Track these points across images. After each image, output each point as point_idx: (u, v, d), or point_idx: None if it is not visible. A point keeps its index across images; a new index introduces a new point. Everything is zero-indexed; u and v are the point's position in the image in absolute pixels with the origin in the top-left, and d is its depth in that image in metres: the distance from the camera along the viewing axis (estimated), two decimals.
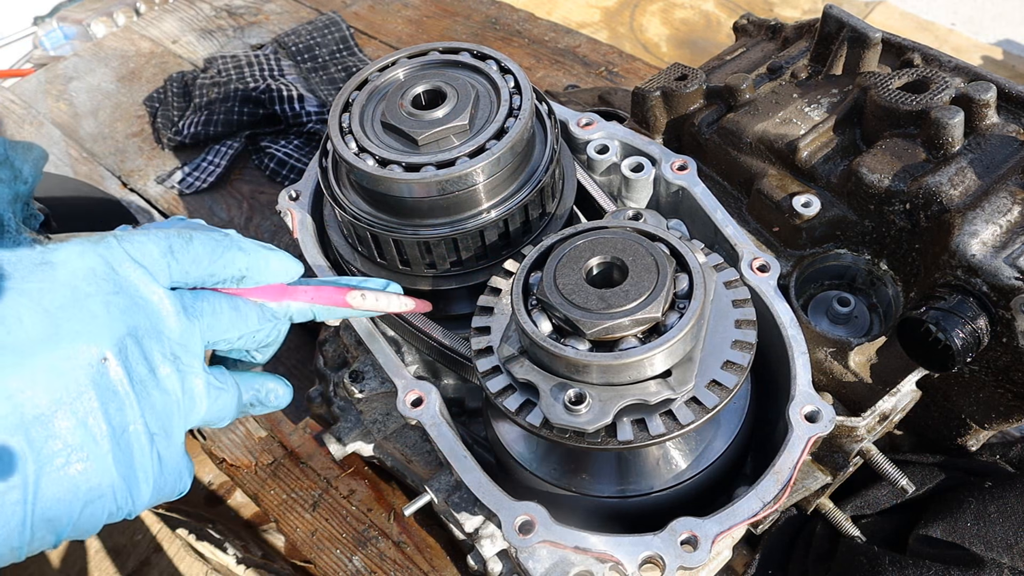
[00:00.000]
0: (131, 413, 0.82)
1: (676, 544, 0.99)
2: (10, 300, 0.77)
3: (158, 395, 0.84)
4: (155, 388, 0.84)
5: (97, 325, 0.80)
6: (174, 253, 0.89)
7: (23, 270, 0.79)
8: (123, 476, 0.82)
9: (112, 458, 0.80)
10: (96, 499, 0.80)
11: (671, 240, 1.04)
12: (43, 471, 0.76)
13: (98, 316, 0.81)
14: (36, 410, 0.76)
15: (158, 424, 0.85)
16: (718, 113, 1.44)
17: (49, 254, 0.82)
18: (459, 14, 2.90)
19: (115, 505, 0.82)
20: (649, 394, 0.95)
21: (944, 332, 1.08)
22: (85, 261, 0.83)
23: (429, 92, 1.21)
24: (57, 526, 0.79)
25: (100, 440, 0.79)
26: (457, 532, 1.41)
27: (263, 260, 0.97)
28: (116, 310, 0.82)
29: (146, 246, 0.87)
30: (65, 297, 0.80)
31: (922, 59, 1.35)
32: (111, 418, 0.80)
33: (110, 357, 0.80)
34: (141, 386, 0.83)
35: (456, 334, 1.25)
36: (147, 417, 0.83)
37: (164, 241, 0.89)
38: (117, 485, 0.81)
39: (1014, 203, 1.15)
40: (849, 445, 1.26)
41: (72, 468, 0.78)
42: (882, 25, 2.25)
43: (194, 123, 2.45)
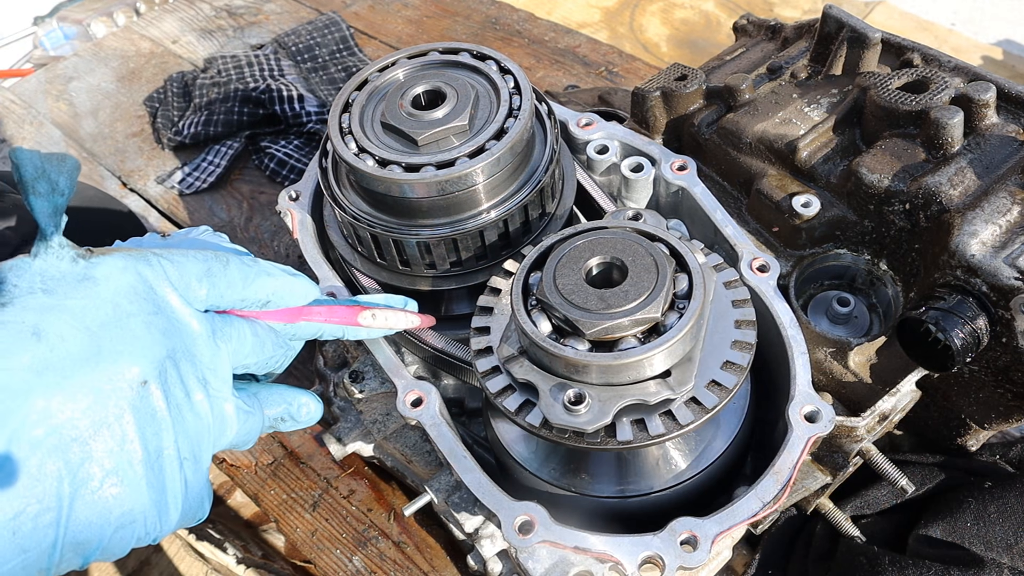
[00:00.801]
0: (167, 438, 0.81)
1: (676, 544, 0.99)
2: (53, 317, 0.76)
3: (192, 419, 0.84)
4: (189, 412, 0.84)
5: (139, 346, 0.80)
6: (211, 276, 0.89)
7: (66, 286, 0.79)
8: (154, 501, 0.81)
9: (146, 483, 0.79)
10: (127, 524, 0.80)
11: (671, 240, 1.04)
12: (78, 494, 0.75)
13: (140, 337, 0.80)
14: (75, 431, 0.75)
15: (189, 449, 0.84)
16: (718, 113, 1.44)
17: (92, 269, 0.81)
18: (459, 14, 2.90)
19: (144, 530, 0.82)
20: (648, 394, 0.96)
21: (944, 332, 1.08)
22: (126, 278, 0.82)
23: (429, 92, 1.22)
24: (86, 549, 0.78)
25: (136, 465, 0.78)
26: (457, 532, 1.41)
27: (288, 286, 0.98)
28: (156, 331, 0.82)
29: (185, 267, 0.87)
30: (107, 315, 0.79)
31: (922, 59, 1.35)
32: (148, 442, 0.79)
33: (151, 380, 0.80)
34: (177, 410, 0.82)
35: (455, 334, 1.25)
36: (180, 442, 0.83)
37: (203, 263, 0.89)
38: (148, 510, 0.81)
39: (1014, 203, 1.15)
40: (849, 445, 1.26)
41: (106, 492, 0.77)
42: (882, 25, 2.25)
43: (194, 123, 2.45)
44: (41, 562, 0.75)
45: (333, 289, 1.26)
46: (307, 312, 1.02)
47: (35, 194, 0.81)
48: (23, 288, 0.77)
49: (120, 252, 0.85)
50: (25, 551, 0.73)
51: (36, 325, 0.75)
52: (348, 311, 1.06)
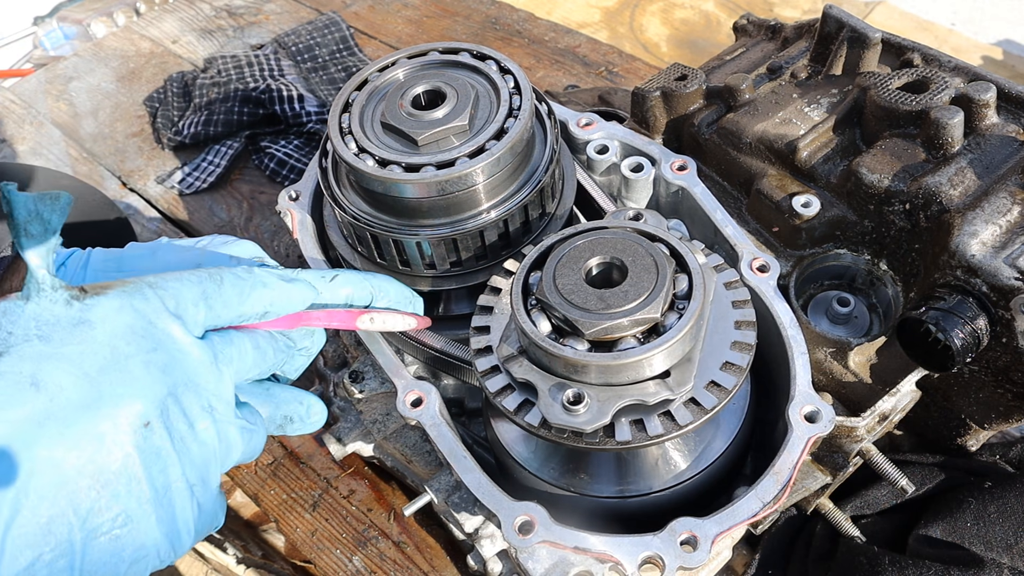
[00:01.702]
0: (174, 473, 0.82)
1: (676, 544, 0.99)
2: (51, 366, 0.75)
3: (196, 448, 0.84)
4: (194, 442, 0.84)
5: (139, 387, 0.79)
6: (207, 300, 0.88)
7: (61, 332, 0.77)
8: (166, 534, 0.82)
9: (156, 519, 0.80)
10: (141, 559, 0.80)
11: (671, 240, 1.04)
12: (90, 539, 0.76)
13: (139, 378, 0.79)
14: (82, 479, 0.75)
15: (196, 476, 0.85)
16: (718, 113, 1.44)
17: (87, 312, 0.80)
18: (459, 14, 2.90)
19: (158, 560, 0.83)
20: (648, 394, 0.95)
21: (944, 332, 1.08)
22: (123, 318, 0.81)
23: (429, 92, 1.21)
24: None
25: (144, 504, 0.79)
26: (457, 532, 1.41)
27: (285, 295, 0.97)
28: (156, 369, 0.81)
29: (181, 293, 0.86)
30: (105, 359, 0.78)
31: (922, 59, 1.35)
32: (154, 481, 0.80)
33: (153, 421, 0.79)
34: (181, 443, 0.82)
35: (455, 334, 1.25)
36: (187, 472, 0.83)
37: (197, 287, 0.88)
38: (161, 543, 0.82)
39: (1014, 203, 1.15)
40: (849, 445, 1.26)
41: (118, 533, 0.78)
42: (882, 25, 2.25)
43: (194, 123, 2.45)
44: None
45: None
46: (306, 317, 1.01)
47: (27, 236, 0.79)
48: (18, 336, 0.76)
49: (114, 289, 0.83)
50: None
51: (34, 375, 0.74)
52: (347, 315, 1.06)
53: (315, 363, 1.61)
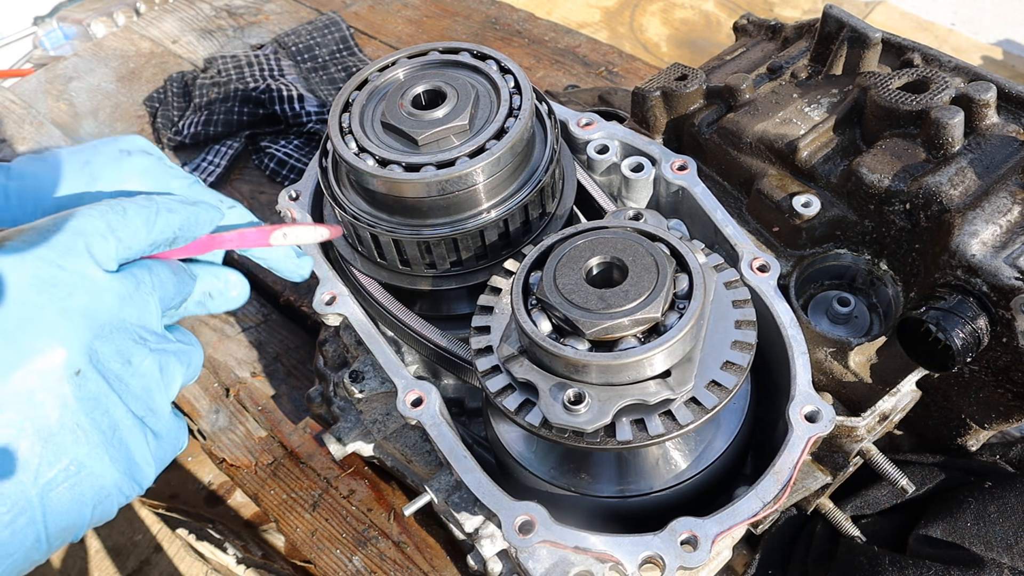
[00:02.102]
0: (118, 411, 0.81)
1: (676, 544, 0.99)
2: None
3: (137, 383, 0.83)
4: (132, 378, 0.82)
5: (59, 336, 0.77)
6: (114, 231, 0.85)
7: None
8: (124, 471, 0.82)
9: (110, 460, 0.80)
10: (104, 499, 0.81)
11: (671, 240, 1.04)
12: (46, 493, 0.76)
13: (58, 326, 0.77)
14: (23, 439, 0.74)
15: (144, 407, 0.84)
16: (718, 113, 1.44)
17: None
18: (459, 14, 2.90)
19: (123, 496, 0.83)
20: (648, 394, 0.95)
21: (944, 332, 1.08)
22: (27, 268, 0.77)
23: (429, 92, 1.21)
24: (73, 530, 0.80)
25: (94, 450, 0.79)
26: (457, 532, 1.41)
27: (192, 217, 0.95)
28: (75, 315, 0.78)
29: (85, 230, 0.83)
30: (18, 315, 0.75)
31: (922, 59, 1.35)
32: (99, 424, 0.79)
33: (83, 367, 0.78)
34: (119, 382, 0.81)
35: (455, 334, 1.25)
36: (133, 407, 0.82)
37: (101, 220, 0.85)
38: (121, 481, 0.82)
39: (1014, 203, 1.15)
40: (849, 445, 1.26)
41: (73, 482, 0.78)
42: (882, 25, 2.24)
43: (194, 123, 2.45)
44: (31, 556, 0.77)
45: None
46: (218, 240, 1.00)
47: None
48: None
49: (12, 240, 0.80)
50: (11, 554, 0.75)
51: None
52: (259, 232, 1.05)
53: (315, 363, 1.61)
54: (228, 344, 1.97)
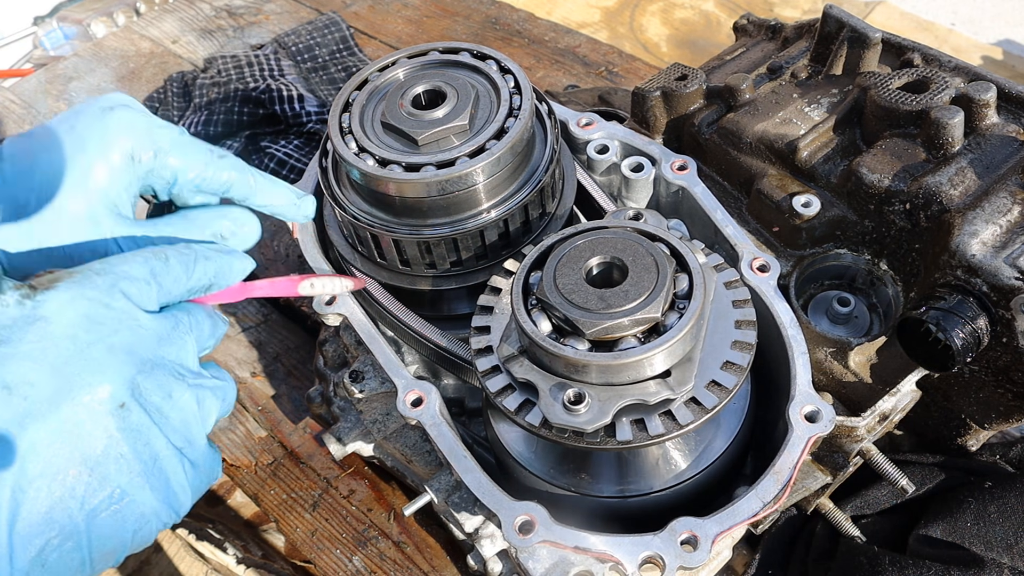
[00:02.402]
0: (158, 443, 0.85)
1: (676, 544, 0.99)
2: (16, 366, 0.78)
3: (176, 415, 0.87)
4: (172, 411, 0.87)
5: (107, 373, 0.81)
6: (156, 277, 0.91)
7: (19, 332, 0.79)
8: (163, 499, 0.86)
9: (150, 488, 0.85)
10: (144, 525, 0.85)
11: (671, 240, 1.04)
12: (92, 519, 0.80)
13: (104, 363, 0.82)
14: (71, 467, 0.79)
15: (182, 439, 0.88)
16: (718, 113, 1.44)
17: (39, 308, 0.81)
18: (459, 14, 2.90)
19: (161, 523, 0.87)
20: (648, 394, 0.95)
21: (944, 332, 1.08)
22: (77, 308, 0.82)
23: (429, 92, 1.21)
24: (114, 554, 0.85)
25: (136, 478, 0.83)
26: (457, 532, 1.41)
27: (227, 266, 1.00)
28: (120, 352, 0.83)
29: (130, 275, 0.88)
30: (68, 351, 0.80)
31: (922, 59, 1.35)
32: (141, 455, 0.83)
33: (127, 401, 0.82)
34: (159, 415, 0.86)
35: (455, 334, 1.25)
36: (172, 439, 0.87)
37: (145, 266, 0.90)
38: (159, 509, 0.86)
39: (1014, 203, 1.15)
40: (849, 445, 1.26)
41: (116, 508, 0.82)
42: (882, 25, 2.24)
43: (194, 123, 2.45)
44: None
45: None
46: (251, 288, 1.05)
47: None
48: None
49: (63, 281, 0.85)
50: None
51: (2, 378, 0.77)
52: (288, 282, 1.12)
53: (315, 363, 1.61)
54: (228, 344, 1.97)
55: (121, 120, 1.02)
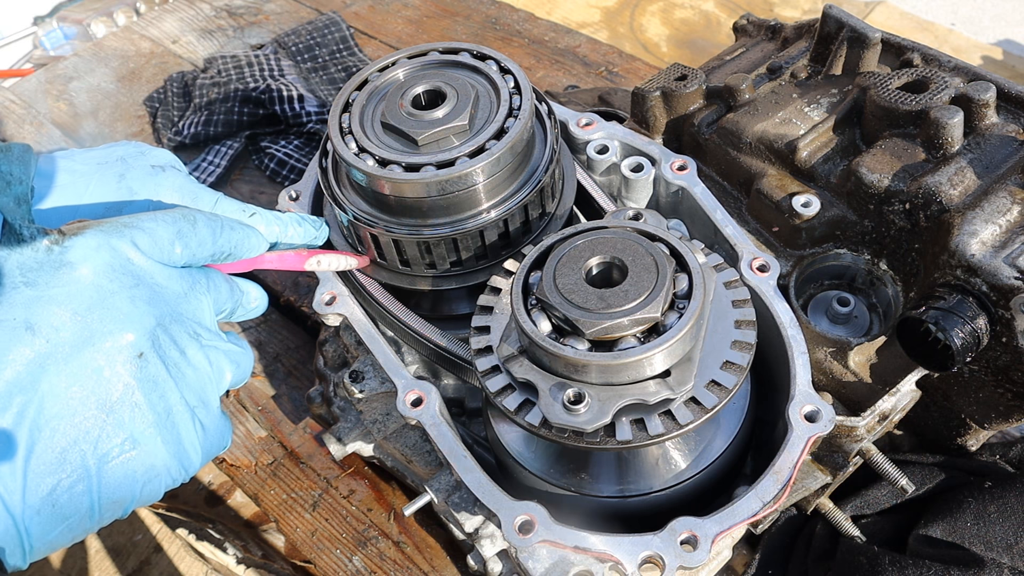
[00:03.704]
0: (172, 397, 0.88)
1: (676, 544, 0.99)
2: (41, 309, 0.81)
3: (191, 373, 0.90)
4: (187, 367, 0.90)
5: (128, 322, 0.84)
6: (183, 237, 0.94)
7: (46, 276, 0.82)
8: (174, 454, 0.89)
9: (162, 441, 0.87)
10: (153, 478, 0.87)
11: (671, 240, 1.04)
12: (103, 464, 0.83)
13: (127, 312, 0.85)
14: (88, 410, 0.81)
15: (196, 398, 0.91)
16: (718, 113, 1.44)
17: (66, 254, 0.84)
18: (459, 14, 2.90)
19: (171, 479, 0.90)
20: (648, 394, 0.96)
21: (944, 332, 1.08)
22: (102, 256, 0.85)
23: (429, 92, 1.22)
24: (122, 504, 0.86)
25: (149, 428, 0.85)
26: (457, 532, 1.41)
27: (247, 238, 1.06)
28: (141, 303, 0.86)
29: (157, 232, 0.91)
30: (92, 298, 0.83)
31: (922, 59, 1.35)
32: (155, 406, 0.86)
33: (146, 351, 0.85)
34: (176, 369, 0.89)
35: (455, 334, 1.25)
36: (186, 395, 0.89)
37: (173, 225, 0.93)
38: (170, 463, 0.89)
39: (1013, 203, 1.15)
40: (849, 445, 1.26)
41: (128, 456, 0.84)
42: (882, 25, 2.24)
43: (194, 123, 2.45)
44: (84, 524, 0.84)
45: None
46: (260, 261, 1.10)
47: (4, 182, 0.86)
48: (5, 285, 0.81)
49: (91, 228, 0.87)
50: (67, 518, 0.81)
51: (27, 320, 0.80)
52: (297, 257, 1.17)
53: (315, 363, 1.61)
54: None
55: (172, 183, 1.09)
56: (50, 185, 1.02)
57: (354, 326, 1.25)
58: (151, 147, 1.16)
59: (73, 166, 1.06)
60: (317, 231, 1.28)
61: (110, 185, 1.06)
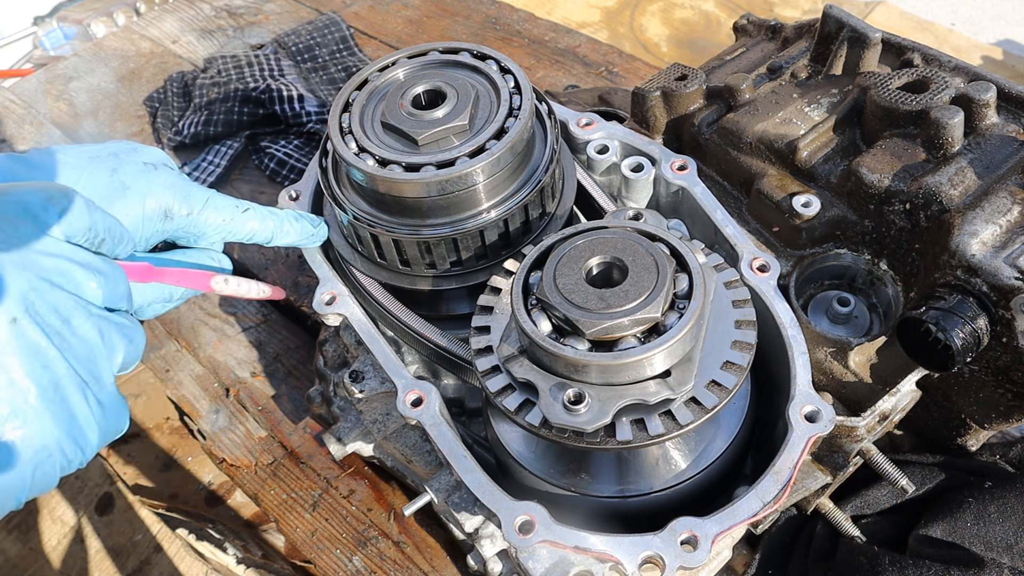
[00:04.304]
0: (58, 367, 0.81)
1: (676, 544, 0.99)
2: None
3: (78, 344, 0.84)
4: (73, 337, 0.84)
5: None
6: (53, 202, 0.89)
7: None
8: (66, 431, 0.82)
9: (51, 416, 0.80)
10: (45, 459, 0.81)
11: (671, 240, 1.04)
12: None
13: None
14: None
15: (86, 372, 0.85)
16: (718, 113, 1.44)
17: None
18: (459, 14, 2.90)
19: (66, 459, 0.83)
20: (648, 394, 0.95)
21: (944, 332, 1.08)
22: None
23: (429, 92, 1.21)
24: (14, 492, 0.80)
25: (32, 401, 0.79)
26: (457, 532, 1.41)
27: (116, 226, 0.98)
28: (11, 266, 0.81)
29: (28, 194, 0.87)
30: None
31: (922, 59, 1.35)
32: (38, 377, 0.80)
33: (19, 316, 0.79)
34: (59, 338, 0.82)
35: (455, 334, 1.25)
36: (74, 366, 0.83)
37: (42, 192, 0.89)
38: (63, 440, 0.82)
39: (1014, 203, 1.15)
40: (849, 445, 1.26)
41: (12, 436, 0.78)
42: (882, 25, 2.24)
43: (194, 123, 2.45)
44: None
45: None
46: (159, 273, 1.06)
47: None
48: None
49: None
50: None
51: None
52: (200, 275, 1.12)
53: (315, 363, 1.61)
54: (228, 344, 1.97)
55: (165, 179, 1.10)
56: (40, 177, 1.01)
57: (354, 326, 1.25)
58: (143, 145, 1.16)
59: (64, 159, 1.05)
60: (315, 229, 1.29)
61: (102, 179, 1.06)
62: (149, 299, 1.10)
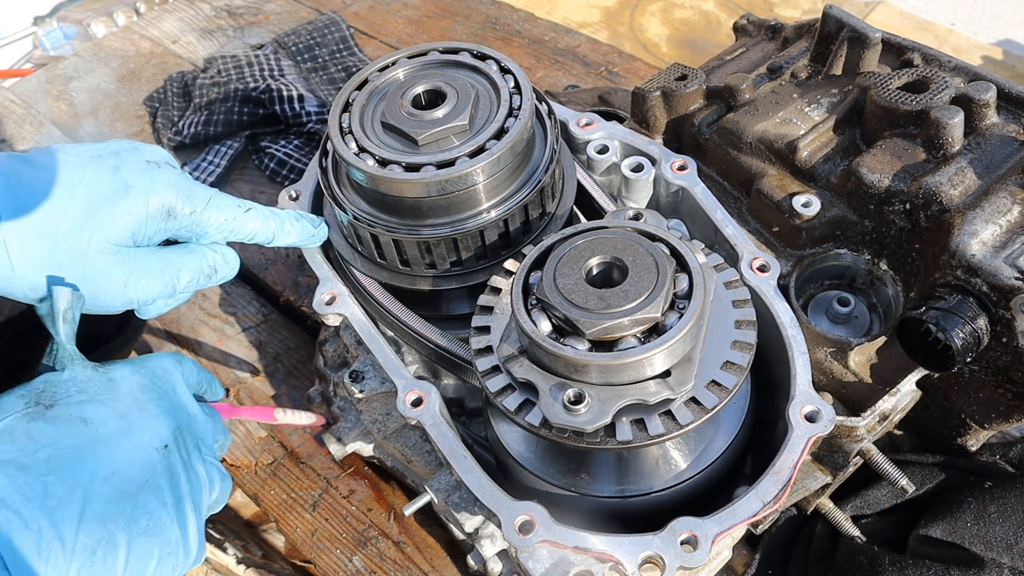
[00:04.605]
0: (184, 488, 1.03)
1: (676, 544, 0.99)
2: (93, 409, 1.01)
3: (194, 477, 1.06)
4: (192, 470, 1.06)
5: (157, 422, 1.04)
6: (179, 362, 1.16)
7: (95, 388, 1.03)
8: (182, 538, 1.01)
9: (176, 524, 1.00)
10: (167, 556, 0.99)
11: (671, 240, 1.04)
12: (133, 537, 0.95)
13: (156, 415, 1.05)
14: (125, 487, 0.97)
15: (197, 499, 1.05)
16: (718, 113, 1.44)
17: (109, 373, 1.06)
18: (459, 14, 2.90)
19: (176, 561, 1.01)
20: (648, 394, 0.96)
21: (944, 332, 1.08)
22: (136, 378, 1.08)
23: (429, 92, 1.21)
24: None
25: (168, 508, 1.00)
26: (457, 532, 1.41)
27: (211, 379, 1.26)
28: (166, 412, 1.07)
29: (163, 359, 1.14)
30: (131, 403, 1.04)
31: (922, 59, 1.35)
32: (174, 492, 1.02)
33: (170, 444, 1.04)
34: (186, 467, 1.05)
35: (455, 334, 1.25)
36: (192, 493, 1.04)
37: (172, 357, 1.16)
38: (178, 545, 1.01)
39: (1014, 203, 1.15)
40: (849, 445, 1.26)
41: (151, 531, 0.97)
42: (882, 25, 2.24)
43: (194, 123, 2.45)
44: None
45: None
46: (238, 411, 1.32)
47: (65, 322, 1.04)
48: (63, 394, 1.01)
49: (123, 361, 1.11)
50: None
51: (82, 416, 0.99)
52: (266, 411, 1.37)
53: (315, 363, 1.62)
54: (228, 344, 1.97)
55: (168, 178, 1.14)
56: (43, 176, 1.06)
57: (354, 326, 1.25)
58: (145, 144, 1.18)
59: (66, 158, 1.10)
60: (316, 229, 1.30)
61: (104, 177, 1.09)
62: (153, 296, 1.15)
